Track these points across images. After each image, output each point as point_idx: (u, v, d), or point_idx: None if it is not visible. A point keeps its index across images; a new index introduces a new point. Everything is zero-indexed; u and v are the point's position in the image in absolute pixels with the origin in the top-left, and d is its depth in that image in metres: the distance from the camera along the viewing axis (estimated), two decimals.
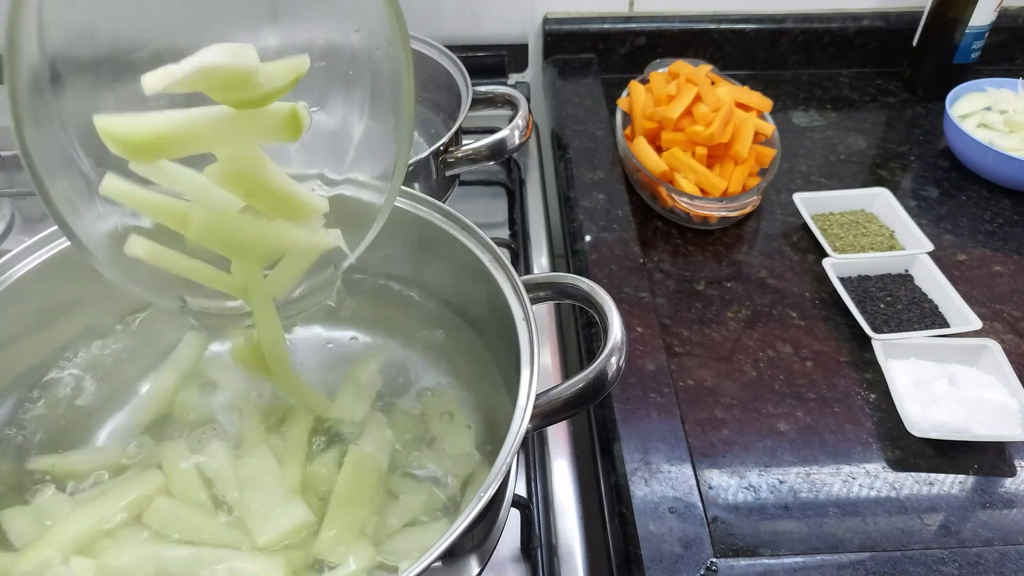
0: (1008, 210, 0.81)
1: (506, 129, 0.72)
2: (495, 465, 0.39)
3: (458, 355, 0.58)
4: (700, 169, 0.77)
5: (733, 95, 0.81)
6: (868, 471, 0.57)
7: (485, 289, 0.51)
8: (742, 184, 0.78)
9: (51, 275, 0.52)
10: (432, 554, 0.35)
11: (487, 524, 0.45)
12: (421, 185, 0.71)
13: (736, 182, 0.77)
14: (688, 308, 0.71)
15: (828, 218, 0.79)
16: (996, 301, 0.71)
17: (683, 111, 0.79)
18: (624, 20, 1.01)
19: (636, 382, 0.62)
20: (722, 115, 0.77)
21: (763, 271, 0.75)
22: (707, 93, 0.80)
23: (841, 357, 0.66)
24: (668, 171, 0.78)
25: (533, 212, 0.84)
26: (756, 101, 0.83)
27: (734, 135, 0.78)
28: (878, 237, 0.76)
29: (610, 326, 0.46)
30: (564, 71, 1.01)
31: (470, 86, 0.76)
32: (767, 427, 0.60)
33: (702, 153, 0.78)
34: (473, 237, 0.52)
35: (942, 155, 0.89)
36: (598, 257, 0.74)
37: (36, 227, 0.83)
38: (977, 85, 0.89)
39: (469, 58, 0.83)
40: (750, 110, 0.82)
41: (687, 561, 0.51)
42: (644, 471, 0.57)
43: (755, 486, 0.57)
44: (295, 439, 0.51)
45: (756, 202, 0.77)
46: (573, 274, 0.50)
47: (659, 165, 0.78)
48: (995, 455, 0.58)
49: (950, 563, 0.52)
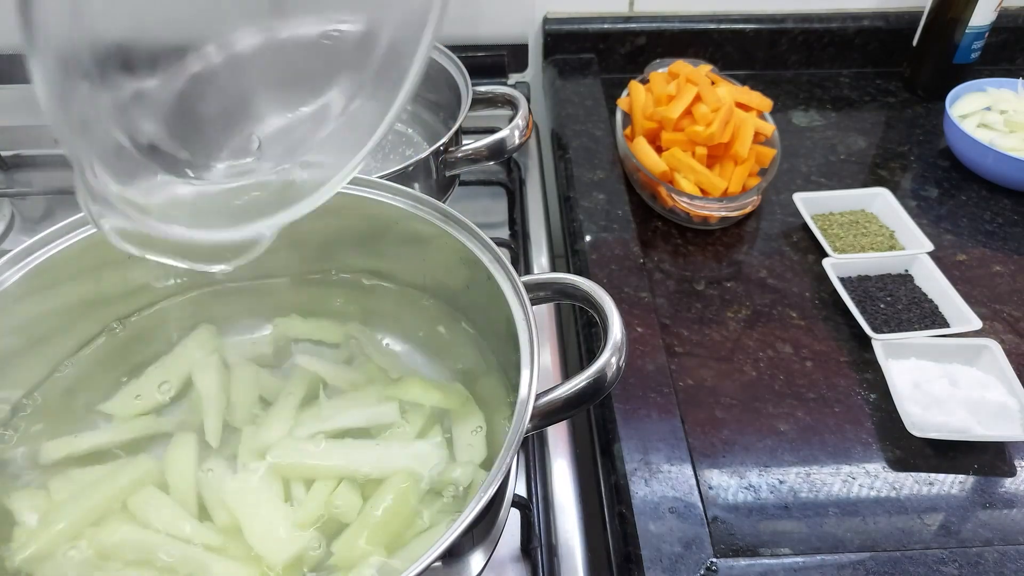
0: (1008, 210, 0.81)
1: (506, 129, 0.72)
2: (495, 465, 0.39)
3: (458, 355, 0.58)
4: (700, 169, 0.77)
5: (733, 95, 0.81)
6: (868, 471, 0.57)
7: (485, 289, 0.51)
8: (742, 184, 0.78)
9: (51, 275, 0.52)
10: (432, 554, 0.35)
11: (487, 524, 0.45)
12: (421, 185, 0.71)
13: (736, 182, 0.77)
14: (688, 308, 0.71)
15: (828, 218, 0.79)
16: (996, 301, 0.71)
17: (683, 111, 0.79)
18: (624, 20, 1.01)
19: (636, 382, 0.62)
20: (722, 115, 0.77)
21: (763, 271, 0.75)
22: (707, 93, 0.80)
23: (841, 357, 0.66)
24: (668, 171, 0.78)
25: (533, 212, 0.84)
26: (756, 101, 0.82)
27: (734, 135, 0.78)
28: (878, 237, 0.76)
29: (610, 326, 0.46)
30: (564, 71, 1.01)
31: (470, 86, 0.76)
32: (767, 427, 0.60)
33: (702, 153, 0.78)
34: (473, 237, 0.52)
35: (942, 155, 0.89)
36: (598, 257, 0.74)
37: (36, 227, 0.83)
38: (977, 85, 0.89)
39: (469, 58, 0.83)
40: (750, 110, 0.82)
41: (687, 561, 0.51)
42: (644, 471, 0.57)
43: (755, 486, 0.57)
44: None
45: (756, 202, 0.77)
46: (573, 274, 0.50)
47: (659, 165, 0.78)
48: (995, 455, 0.58)
49: (950, 563, 0.51)
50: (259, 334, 0.60)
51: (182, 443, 0.51)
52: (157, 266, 0.57)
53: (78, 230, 0.52)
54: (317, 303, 0.62)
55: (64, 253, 0.51)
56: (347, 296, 0.62)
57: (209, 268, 0.42)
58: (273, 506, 0.47)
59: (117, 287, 0.57)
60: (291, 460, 0.50)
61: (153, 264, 0.56)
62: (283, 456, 0.50)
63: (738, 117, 0.79)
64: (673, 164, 0.78)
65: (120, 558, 0.45)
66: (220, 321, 0.60)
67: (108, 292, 0.56)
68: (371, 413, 0.53)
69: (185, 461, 0.50)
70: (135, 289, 0.58)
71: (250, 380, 0.56)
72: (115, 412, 0.54)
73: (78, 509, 0.47)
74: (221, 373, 0.56)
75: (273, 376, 0.57)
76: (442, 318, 0.60)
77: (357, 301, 0.62)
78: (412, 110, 0.88)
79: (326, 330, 0.60)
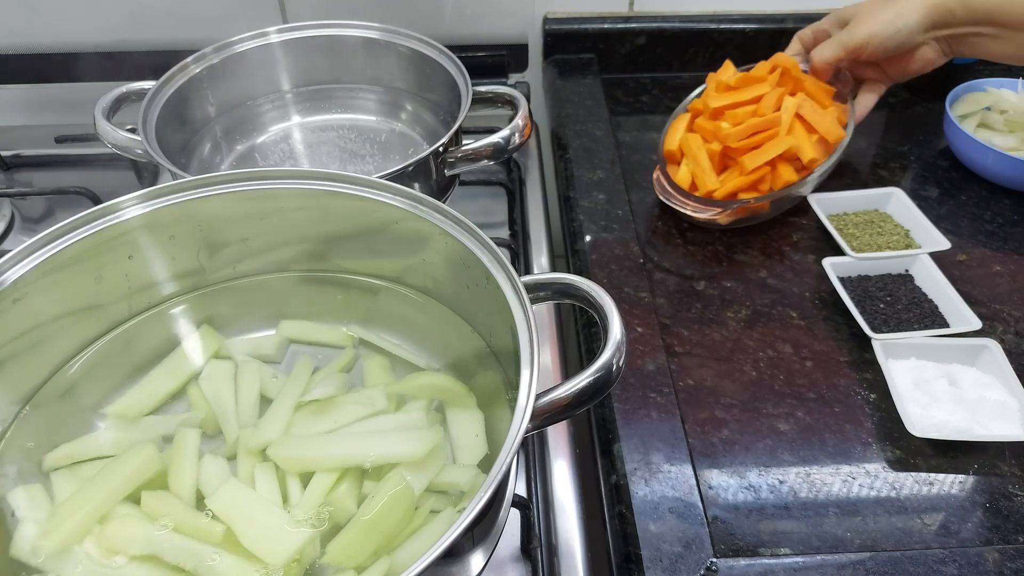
0: (1008, 210, 0.81)
1: (506, 129, 0.72)
2: (495, 465, 0.39)
3: (458, 354, 0.58)
4: (702, 161, 0.75)
5: (803, 110, 0.75)
6: (868, 471, 0.57)
7: (485, 289, 0.51)
8: (732, 191, 0.75)
9: (51, 275, 0.52)
10: (432, 554, 0.35)
11: (487, 524, 0.45)
12: (421, 185, 0.71)
13: (726, 188, 0.75)
14: (688, 308, 0.71)
15: (843, 218, 0.79)
16: (996, 301, 0.71)
17: (729, 104, 0.76)
18: (624, 20, 1.01)
19: (636, 382, 0.62)
20: (756, 124, 0.74)
21: (763, 271, 0.75)
22: (772, 96, 0.76)
23: (841, 357, 0.66)
24: (677, 152, 0.77)
25: (533, 212, 0.84)
26: (825, 127, 0.76)
27: (755, 147, 0.74)
28: (894, 236, 0.76)
29: (610, 326, 0.46)
30: (564, 71, 1.01)
31: (470, 86, 0.76)
32: (767, 427, 0.60)
33: (715, 149, 0.75)
34: (473, 237, 0.52)
35: (942, 155, 0.89)
36: (598, 257, 0.74)
37: (36, 227, 0.84)
38: (977, 85, 0.89)
39: (469, 58, 0.83)
40: (814, 133, 0.76)
41: (687, 561, 0.51)
42: (644, 471, 0.57)
43: (755, 486, 0.57)
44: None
45: (724, 215, 0.74)
46: (573, 274, 0.50)
47: (672, 143, 0.77)
48: (995, 455, 0.58)
49: (950, 563, 0.52)
50: (260, 334, 0.60)
51: (183, 443, 0.51)
52: (158, 266, 0.58)
53: (78, 230, 0.52)
54: (317, 303, 0.62)
55: (64, 253, 0.51)
56: (347, 296, 0.62)
57: None
58: (270, 508, 0.47)
59: (118, 287, 0.57)
60: (290, 454, 0.50)
61: (154, 264, 0.56)
62: (282, 450, 0.50)
63: (779, 134, 0.74)
64: (685, 149, 0.77)
65: (125, 553, 0.45)
66: (221, 322, 0.60)
67: (108, 292, 0.56)
68: (371, 411, 0.53)
69: (186, 461, 0.50)
70: (136, 289, 0.58)
71: (251, 380, 0.56)
72: (116, 413, 0.54)
73: (83, 505, 0.47)
74: (222, 373, 0.56)
75: (273, 376, 0.57)
76: (442, 318, 0.60)
77: (357, 301, 0.62)
78: (412, 110, 0.88)
79: (326, 330, 0.60)
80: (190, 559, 0.45)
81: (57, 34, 0.96)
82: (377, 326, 0.61)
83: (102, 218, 0.53)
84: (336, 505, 0.48)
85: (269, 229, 0.59)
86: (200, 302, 0.61)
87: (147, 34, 0.96)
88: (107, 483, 0.48)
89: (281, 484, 0.49)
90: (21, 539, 0.46)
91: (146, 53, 0.95)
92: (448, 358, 0.58)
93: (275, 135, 0.88)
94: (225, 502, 0.47)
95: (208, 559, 0.45)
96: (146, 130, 0.71)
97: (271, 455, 0.50)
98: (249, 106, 0.87)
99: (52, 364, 0.55)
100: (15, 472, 0.50)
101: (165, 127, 0.75)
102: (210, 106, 0.83)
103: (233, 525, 0.46)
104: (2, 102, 1.03)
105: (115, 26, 0.96)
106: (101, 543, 0.45)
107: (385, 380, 0.56)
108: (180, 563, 0.45)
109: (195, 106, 0.81)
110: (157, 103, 0.75)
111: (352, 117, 0.90)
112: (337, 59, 0.87)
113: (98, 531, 0.46)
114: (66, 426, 0.53)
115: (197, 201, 0.55)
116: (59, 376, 0.55)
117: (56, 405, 0.54)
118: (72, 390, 0.55)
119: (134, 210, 0.54)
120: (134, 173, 0.89)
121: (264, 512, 0.47)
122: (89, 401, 0.55)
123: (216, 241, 0.59)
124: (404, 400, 0.55)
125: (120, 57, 0.96)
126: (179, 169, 0.66)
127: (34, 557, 0.45)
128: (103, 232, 0.53)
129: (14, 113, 1.04)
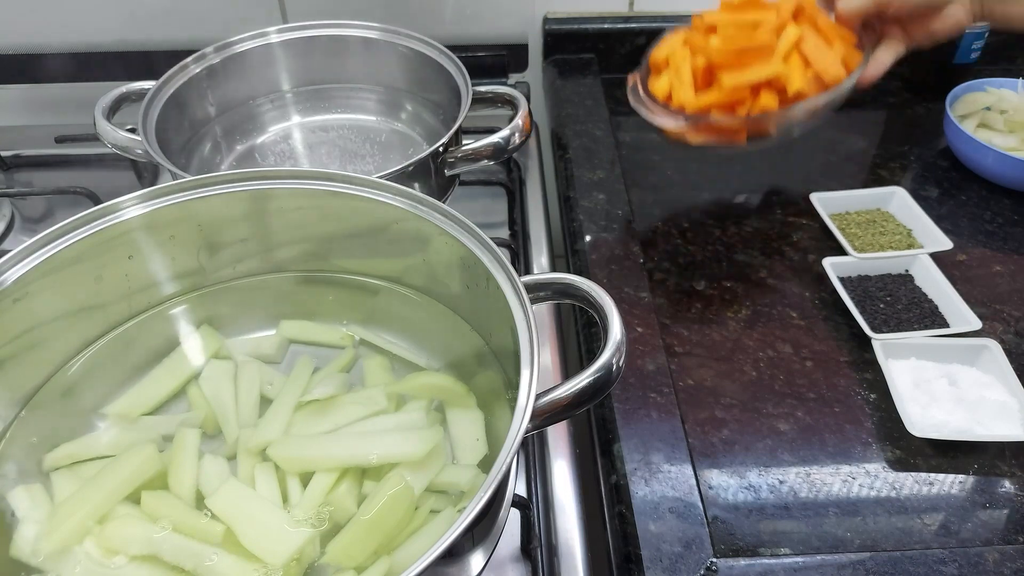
0: (1008, 210, 0.81)
1: (506, 129, 0.72)
2: (495, 465, 0.39)
3: (458, 354, 0.58)
4: (683, 73, 0.70)
5: (804, 42, 0.69)
6: (868, 471, 0.57)
7: (485, 289, 0.51)
8: (705, 107, 0.70)
9: (51, 275, 0.52)
10: (432, 554, 0.35)
11: (487, 524, 0.45)
12: (421, 185, 0.71)
13: (700, 103, 0.69)
14: (688, 308, 0.71)
15: (845, 217, 0.79)
16: (996, 301, 0.71)
17: (728, 22, 0.70)
18: (624, 20, 1.01)
19: (636, 382, 0.62)
20: (747, 44, 0.68)
21: (763, 271, 0.75)
22: (774, 21, 0.69)
23: (841, 357, 0.66)
24: (663, 62, 0.73)
25: (533, 212, 0.84)
26: (824, 64, 0.69)
27: (736, 64, 0.68)
28: (896, 236, 0.76)
29: (610, 326, 0.46)
30: (564, 71, 1.01)
31: (470, 86, 0.76)
32: (767, 427, 0.60)
33: (700, 64, 0.70)
34: (473, 237, 0.52)
35: (942, 155, 0.89)
36: (598, 257, 0.74)
37: (36, 227, 0.84)
38: (977, 85, 0.89)
39: (469, 58, 0.83)
40: (809, 67, 0.70)
41: (687, 561, 0.51)
42: (644, 471, 0.57)
43: (755, 486, 0.57)
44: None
45: (693, 132, 0.69)
46: (573, 274, 0.50)
47: (661, 52, 0.73)
48: (995, 455, 0.58)
49: (950, 563, 0.52)
50: (260, 334, 0.60)
51: (183, 443, 0.51)
52: (158, 266, 0.58)
53: (78, 230, 0.52)
54: (317, 303, 0.62)
55: (64, 253, 0.51)
56: (347, 296, 0.62)
57: None
58: (270, 508, 0.47)
59: (117, 287, 0.57)
60: (290, 454, 0.50)
61: (154, 264, 0.56)
62: (282, 450, 0.50)
63: (765, 57, 0.68)
64: (671, 59, 0.72)
65: (125, 553, 0.45)
66: (221, 322, 0.60)
67: (108, 292, 0.56)
68: (371, 411, 0.53)
69: (186, 461, 0.50)
70: (136, 289, 0.58)
71: (251, 380, 0.56)
72: (116, 413, 0.54)
73: (83, 505, 0.47)
74: (222, 373, 0.56)
75: (273, 376, 0.57)
76: (442, 318, 0.60)
77: (357, 301, 0.62)
78: (412, 110, 0.88)
79: (326, 330, 0.60)
80: (190, 559, 0.45)
81: (57, 34, 0.96)
82: (377, 326, 0.61)
83: (102, 218, 0.53)
84: (336, 505, 0.48)
85: (269, 229, 0.59)
86: (200, 302, 0.61)
87: (147, 34, 0.96)
88: (107, 483, 0.48)
89: (281, 484, 0.49)
90: (21, 539, 0.46)
91: (146, 53, 0.95)
92: (448, 358, 0.58)
93: (275, 135, 0.88)
94: (225, 502, 0.47)
95: (208, 559, 0.45)
96: (146, 130, 0.71)
97: (271, 455, 0.50)
98: (249, 106, 0.87)
99: (52, 364, 0.55)
100: (15, 472, 0.50)
101: (165, 127, 0.75)
102: (210, 106, 0.83)
103: (233, 525, 0.46)
104: (2, 102, 1.03)
105: (115, 26, 0.97)
106: (101, 543, 0.45)
107: (385, 380, 0.56)
108: (180, 563, 0.45)
109: (195, 106, 0.81)
110: (157, 103, 0.75)
111: (352, 117, 0.90)
112: (337, 59, 0.87)
113: (98, 531, 0.46)
114: (66, 426, 0.53)
115: (197, 201, 0.55)
116: (59, 376, 0.55)
117: (56, 405, 0.54)
118: (72, 390, 0.55)
119: (134, 210, 0.54)
120: (134, 173, 0.89)
121: (264, 512, 0.47)
122: (89, 401, 0.55)
123: (216, 241, 0.59)
124: (404, 400, 0.55)
125: (120, 57, 0.96)
126: (179, 169, 0.66)
127: (34, 557, 0.45)
128: (103, 232, 0.53)
129: (14, 113, 1.04)
